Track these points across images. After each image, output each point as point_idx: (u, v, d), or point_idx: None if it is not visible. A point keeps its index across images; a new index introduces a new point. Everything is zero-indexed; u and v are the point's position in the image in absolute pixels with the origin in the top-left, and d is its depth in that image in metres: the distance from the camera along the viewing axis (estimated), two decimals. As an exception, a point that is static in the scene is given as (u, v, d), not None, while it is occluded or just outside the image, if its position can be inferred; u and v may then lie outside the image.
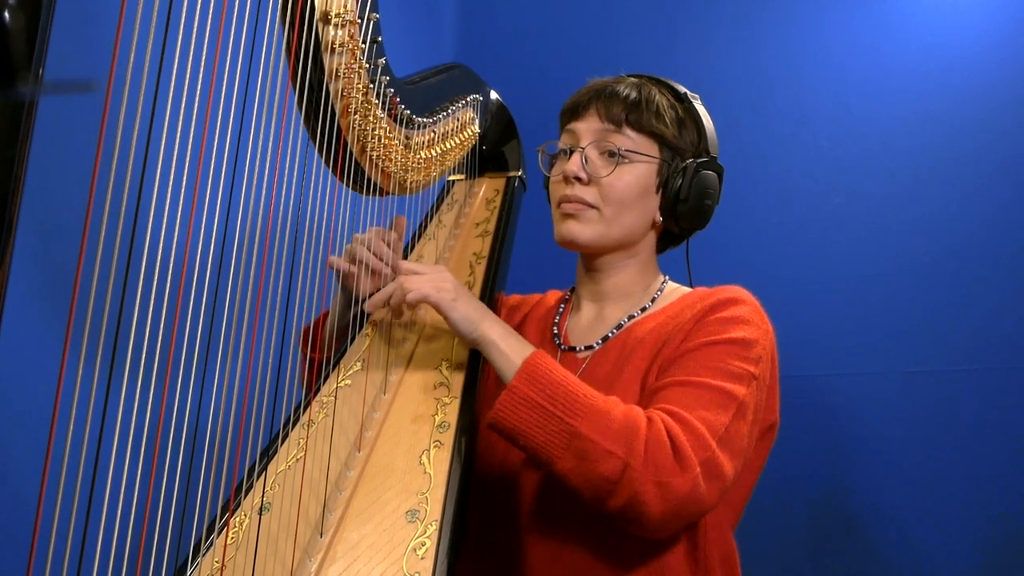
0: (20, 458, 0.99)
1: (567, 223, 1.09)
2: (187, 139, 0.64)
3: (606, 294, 1.14)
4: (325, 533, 0.85)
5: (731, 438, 0.92)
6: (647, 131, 1.08)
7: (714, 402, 0.93)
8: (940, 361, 2.04)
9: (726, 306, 1.02)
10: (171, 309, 0.64)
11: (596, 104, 1.09)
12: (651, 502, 0.86)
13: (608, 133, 1.08)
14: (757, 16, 2.21)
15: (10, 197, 0.46)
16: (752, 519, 2.07)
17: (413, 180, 1.14)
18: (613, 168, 1.07)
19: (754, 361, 0.97)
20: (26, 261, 1.02)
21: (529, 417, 0.89)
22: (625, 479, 0.85)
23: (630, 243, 1.11)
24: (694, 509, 0.89)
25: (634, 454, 0.86)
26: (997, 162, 2.04)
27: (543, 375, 0.91)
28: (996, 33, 2.06)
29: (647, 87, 1.10)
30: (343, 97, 0.95)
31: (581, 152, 1.08)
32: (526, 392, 0.90)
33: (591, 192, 1.08)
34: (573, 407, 0.88)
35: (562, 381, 0.90)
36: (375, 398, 1.03)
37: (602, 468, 0.86)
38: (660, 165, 1.08)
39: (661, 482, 0.86)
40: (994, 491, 1.98)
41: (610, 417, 0.88)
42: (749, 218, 2.14)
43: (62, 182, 0.94)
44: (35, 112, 0.47)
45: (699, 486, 0.87)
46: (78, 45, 0.84)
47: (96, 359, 0.54)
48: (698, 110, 1.12)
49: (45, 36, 0.47)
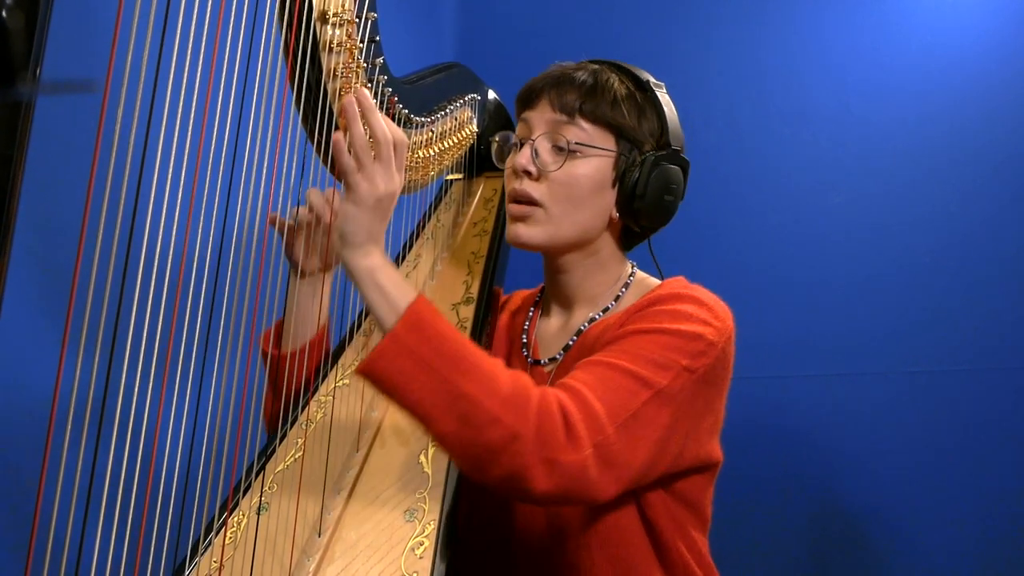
0: (18, 455, 0.99)
1: (515, 225, 1.03)
2: (185, 139, 0.64)
3: (571, 297, 1.08)
4: (323, 533, 0.85)
5: (639, 425, 0.84)
6: (602, 121, 1.00)
7: (624, 387, 0.85)
8: (940, 361, 2.04)
9: (671, 301, 0.94)
10: (169, 308, 0.64)
11: (549, 92, 1.02)
12: (536, 478, 0.78)
13: (560, 124, 1.00)
14: (757, 16, 2.21)
15: (8, 196, 0.46)
16: (752, 519, 2.07)
17: (411, 179, 1.14)
18: (563, 162, 1.00)
19: (691, 355, 0.89)
20: (24, 258, 1.02)
21: (410, 370, 0.77)
22: (511, 450, 0.77)
23: (586, 241, 1.04)
24: (582, 492, 0.81)
25: (524, 424, 0.77)
26: (997, 162, 2.04)
27: (430, 325, 0.79)
28: (996, 33, 2.06)
29: (605, 73, 1.02)
30: (341, 97, 0.95)
31: (531, 144, 1.01)
32: (408, 342, 0.78)
33: (540, 188, 1.00)
34: (461, 365, 0.78)
35: (451, 336, 0.80)
36: (373, 397, 1.03)
37: (487, 435, 0.77)
38: (616, 158, 1.00)
39: (548, 459, 0.78)
40: (994, 491, 1.99)
41: (499, 381, 0.79)
42: (749, 218, 2.14)
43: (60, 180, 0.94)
44: (33, 112, 0.47)
45: (588, 469, 0.79)
46: (76, 45, 0.84)
47: (94, 357, 0.54)
48: (660, 99, 1.03)
49: (43, 36, 0.47)
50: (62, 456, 0.51)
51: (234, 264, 0.76)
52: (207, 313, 0.71)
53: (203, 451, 0.75)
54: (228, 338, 0.76)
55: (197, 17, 0.63)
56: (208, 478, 0.77)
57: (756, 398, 2.04)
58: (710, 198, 2.13)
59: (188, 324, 0.67)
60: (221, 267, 0.74)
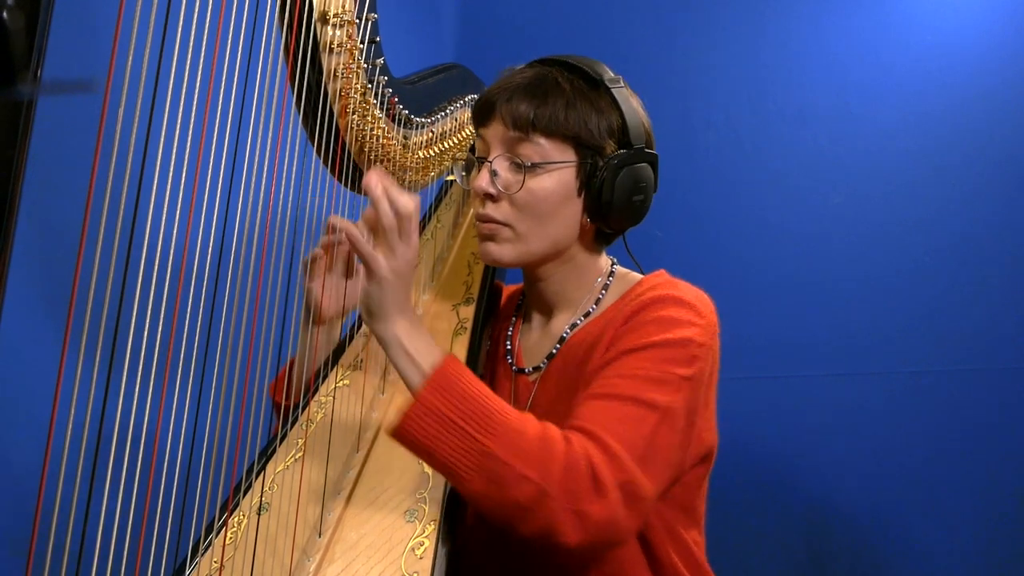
0: (19, 456, 0.99)
1: (486, 245, 1.01)
2: (186, 140, 0.64)
3: (551, 303, 1.07)
4: (324, 533, 0.85)
5: (654, 452, 0.85)
6: (558, 134, 0.96)
7: (632, 416, 0.86)
8: (940, 361, 2.04)
9: (655, 307, 0.93)
10: (170, 309, 0.64)
11: (501, 108, 0.98)
12: (567, 531, 0.79)
13: (515, 142, 0.97)
14: (758, 16, 2.21)
15: (9, 196, 0.46)
16: (751, 519, 2.07)
17: (411, 180, 1.14)
18: (523, 181, 0.97)
19: (685, 362, 0.90)
20: (25, 259, 1.02)
21: (438, 432, 0.80)
22: (540, 506, 0.78)
23: (560, 251, 1.02)
24: (612, 536, 0.83)
25: (550, 480, 0.78)
26: (997, 162, 2.04)
27: (455, 386, 0.82)
28: (996, 33, 2.06)
29: (554, 76, 0.99)
30: (341, 97, 0.95)
31: (488, 167, 0.99)
32: (436, 404, 0.80)
33: (504, 209, 0.99)
34: (487, 424, 0.80)
35: (476, 395, 0.82)
36: (373, 398, 1.03)
37: (515, 493, 0.78)
38: (578, 167, 0.98)
39: (578, 510, 0.79)
40: (994, 491, 1.99)
41: (525, 438, 0.80)
42: (749, 218, 2.14)
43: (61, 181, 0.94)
44: (34, 111, 0.47)
45: (617, 513, 0.81)
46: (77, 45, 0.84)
47: (95, 359, 0.54)
48: (617, 96, 0.99)
49: (44, 36, 0.47)
50: (63, 456, 0.51)
51: (235, 265, 0.76)
52: (208, 313, 0.71)
53: (203, 451, 0.75)
54: (229, 338, 0.76)
55: (198, 17, 0.63)
56: (208, 478, 0.77)
57: (756, 398, 2.04)
58: (710, 198, 2.13)
59: (189, 324, 0.67)
60: (222, 268, 0.74)
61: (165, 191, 0.62)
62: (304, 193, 1.01)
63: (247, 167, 0.76)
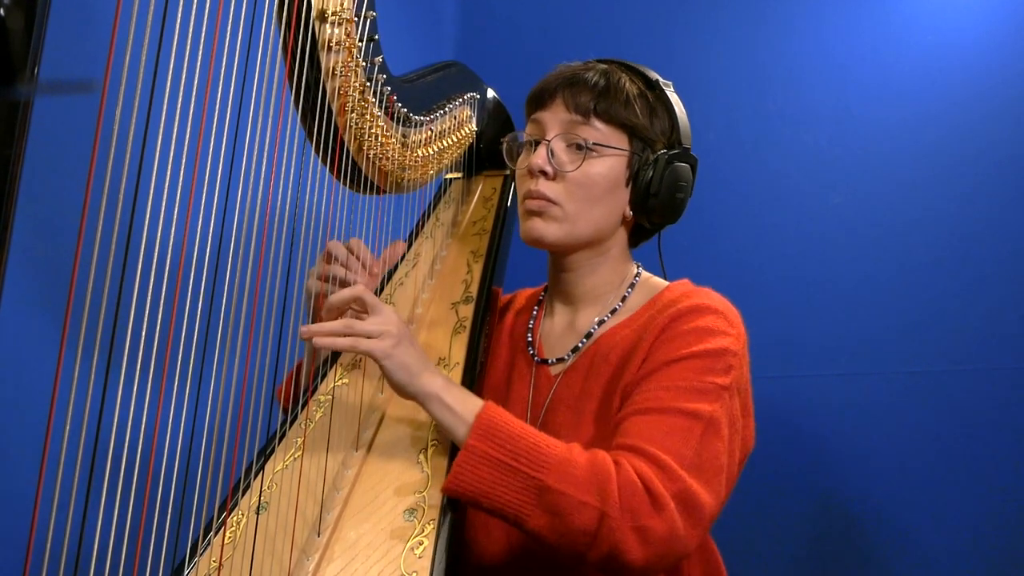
0: (17, 455, 0.99)
1: (532, 221, 1.03)
2: (184, 138, 0.64)
3: (578, 297, 1.09)
4: (323, 532, 0.85)
5: (704, 461, 0.87)
6: (616, 122, 1.01)
7: (678, 427, 0.88)
8: (940, 361, 2.04)
9: (689, 317, 0.96)
10: (168, 307, 0.64)
11: (563, 93, 1.03)
12: (632, 549, 0.81)
13: (575, 124, 1.02)
14: (758, 16, 2.21)
15: (6, 195, 0.46)
16: (752, 520, 2.07)
17: (410, 178, 1.14)
18: (580, 162, 1.01)
19: (723, 371, 0.93)
20: (23, 257, 1.02)
21: (492, 476, 0.82)
22: (603, 529, 0.80)
23: (599, 240, 1.05)
24: (677, 549, 0.84)
25: (609, 502, 0.80)
26: (997, 162, 2.04)
27: (500, 429, 0.84)
28: (996, 33, 2.06)
29: (616, 74, 1.04)
30: (340, 95, 0.95)
31: (547, 145, 1.02)
32: (485, 450, 0.83)
33: (557, 188, 1.02)
34: (538, 460, 0.82)
35: (521, 434, 0.84)
36: (372, 397, 1.03)
37: (578, 521, 0.80)
38: (630, 157, 1.02)
39: (639, 527, 0.81)
40: (995, 491, 1.98)
41: (577, 466, 0.82)
42: (748, 218, 2.13)
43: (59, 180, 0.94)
44: (31, 111, 0.47)
45: (677, 523, 0.82)
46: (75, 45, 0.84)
47: (93, 357, 0.54)
48: (670, 98, 1.06)
49: (41, 36, 0.47)
50: (61, 454, 0.51)
51: (233, 262, 0.76)
52: (206, 311, 0.71)
53: (202, 450, 0.75)
54: (227, 336, 0.76)
55: (196, 16, 0.63)
56: (207, 477, 0.77)
57: (756, 398, 2.04)
58: (710, 198, 2.12)
59: (187, 322, 0.67)
60: (220, 266, 0.74)
61: (163, 190, 0.62)
62: (302, 192, 1.01)
63: (245, 166, 0.76)
